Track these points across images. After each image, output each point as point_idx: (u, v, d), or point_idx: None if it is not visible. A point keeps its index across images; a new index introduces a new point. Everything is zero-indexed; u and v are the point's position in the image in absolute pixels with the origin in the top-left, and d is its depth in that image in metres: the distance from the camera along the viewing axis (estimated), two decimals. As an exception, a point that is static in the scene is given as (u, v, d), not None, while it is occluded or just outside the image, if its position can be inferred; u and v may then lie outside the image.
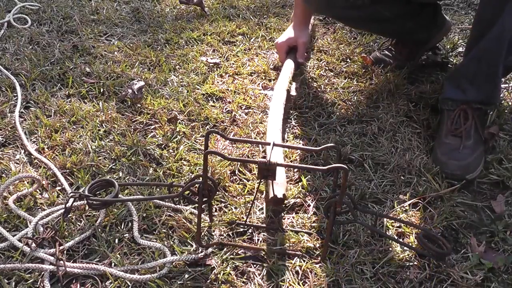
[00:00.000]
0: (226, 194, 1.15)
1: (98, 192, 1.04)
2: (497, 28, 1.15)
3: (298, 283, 0.94)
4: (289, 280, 0.95)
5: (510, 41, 1.16)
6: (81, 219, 1.08)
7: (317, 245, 1.02)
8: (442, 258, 0.95)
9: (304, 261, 0.98)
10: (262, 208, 1.11)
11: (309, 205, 1.12)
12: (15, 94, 1.52)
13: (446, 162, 1.20)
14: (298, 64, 1.61)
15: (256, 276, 0.96)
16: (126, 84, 1.56)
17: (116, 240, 1.03)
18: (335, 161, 1.24)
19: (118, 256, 0.99)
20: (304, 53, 1.62)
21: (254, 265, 0.98)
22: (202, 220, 1.02)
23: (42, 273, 0.95)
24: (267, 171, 0.89)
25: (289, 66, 1.53)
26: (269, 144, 0.95)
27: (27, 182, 1.17)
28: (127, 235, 1.04)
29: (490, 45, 1.18)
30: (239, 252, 1.01)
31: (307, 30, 1.65)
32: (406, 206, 1.12)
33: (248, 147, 1.30)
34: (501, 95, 1.50)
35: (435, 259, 0.97)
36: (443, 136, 1.26)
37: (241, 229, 1.06)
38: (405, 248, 1.00)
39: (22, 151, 1.29)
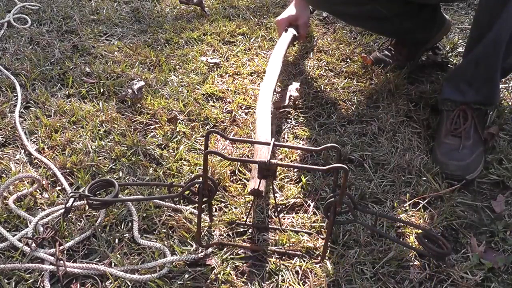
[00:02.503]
0: (226, 194, 1.15)
1: (98, 192, 1.04)
2: (494, 32, 1.15)
3: (298, 283, 0.94)
4: (289, 280, 0.95)
5: (508, 45, 1.17)
6: (81, 219, 1.08)
7: (317, 245, 1.02)
8: (442, 258, 0.95)
9: (304, 261, 0.98)
10: (262, 208, 1.11)
11: (309, 205, 1.12)
12: (15, 94, 1.52)
13: (446, 163, 1.20)
14: (295, 39, 1.64)
15: (256, 276, 0.96)
16: (126, 84, 1.57)
17: (116, 240, 1.03)
18: (335, 161, 1.24)
19: (118, 256, 0.99)
20: (305, 34, 1.68)
21: (254, 265, 0.98)
22: (202, 220, 1.02)
23: (42, 273, 0.95)
24: (267, 171, 0.89)
25: (286, 39, 1.57)
26: (269, 144, 0.95)
27: (27, 182, 1.17)
28: (127, 235, 1.04)
29: (488, 49, 1.19)
30: (239, 252, 1.01)
31: (307, 9, 1.68)
32: (406, 206, 1.12)
33: (248, 147, 1.30)
34: (501, 95, 1.50)
35: (435, 259, 0.97)
36: (442, 136, 1.26)
37: (241, 229, 1.06)
38: (405, 248, 1.00)
39: (22, 151, 1.29)
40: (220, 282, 0.94)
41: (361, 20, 1.58)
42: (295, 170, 1.23)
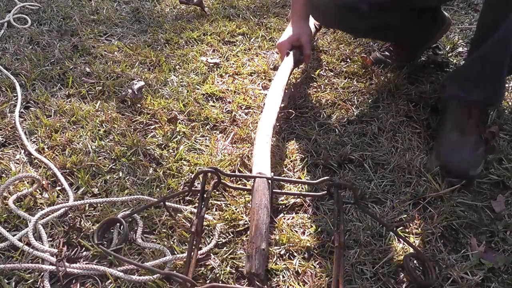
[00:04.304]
0: (226, 194, 1.15)
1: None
2: (501, 33, 1.15)
3: (298, 283, 0.94)
4: (289, 280, 0.95)
5: None
6: (81, 219, 1.08)
7: (317, 245, 1.02)
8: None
9: (304, 260, 0.98)
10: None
11: (309, 205, 1.12)
12: (15, 94, 1.52)
13: (448, 159, 1.21)
14: (299, 61, 1.54)
15: (256, 276, 0.95)
16: (126, 84, 1.57)
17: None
18: (334, 161, 1.24)
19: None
20: (310, 52, 1.54)
21: (254, 265, 0.98)
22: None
23: (42, 273, 0.95)
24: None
25: (288, 64, 1.45)
26: (268, 178, 0.98)
27: (27, 182, 1.17)
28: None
29: (494, 49, 1.19)
30: (239, 252, 1.01)
31: (308, 26, 1.55)
32: (406, 206, 1.12)
33: (248, 147, 1.30)
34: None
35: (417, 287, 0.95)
36: (445, 133, 1.26)
37: (241, 228, 1.06)
38: (405, 248, 1.00)
39: (22, 151, 1.29)
40: (220, 282, 0.94)
41: (370, 32, 1.56)
42: (295, 170, 1.23)
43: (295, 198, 1.13)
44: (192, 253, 0.91)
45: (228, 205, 1.12)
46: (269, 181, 1.00)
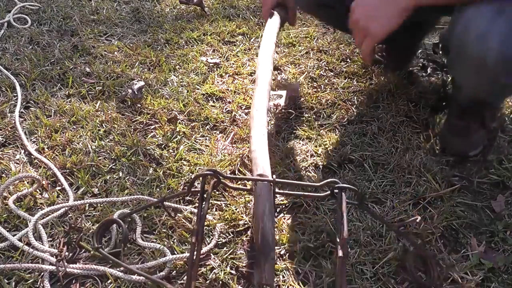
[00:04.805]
0: (226, 194, 1.15)
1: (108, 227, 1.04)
2: None
3: (298, 283, 0.94)
4: (289, 280, 0.95)
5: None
6: (81, 219, 1.08)
7: (317, 245, 1.02)
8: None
9: (304, 260, 0.98)
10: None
11: (309, 205, 1.12)
12: (15, 94, 1.52)
13: (450, 142, 1.28)
14: (284, 21, 1.43)
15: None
16: (126, 84, 1.57)
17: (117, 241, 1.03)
18: (334, 161, 1.24)
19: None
20: (295, 15, 1.47)
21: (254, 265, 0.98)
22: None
23: (42, 273, 0.95)
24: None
25: (273, 26, 1.35)
26: (270, 181, 0.94)
27: (27, 182, 1.17)
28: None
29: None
30: (239, 252, 1.01)
31: None
32: (406, 206, 1.12)
33: (248, 147, 1.29)
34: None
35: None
36: (448, 118, 1.33)
37: (241, 228, 1.06)
38: (405, 248, 1.00)
39: (22, 151, 1.29)
40: (220, 282, 0.94)
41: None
42: (295, 170, 1.23)
43: (295, 198, 1.13)
44: (194, 256, 0.88)
45: (228, 205, 1.12)
46: (271, 183, 0.98)
